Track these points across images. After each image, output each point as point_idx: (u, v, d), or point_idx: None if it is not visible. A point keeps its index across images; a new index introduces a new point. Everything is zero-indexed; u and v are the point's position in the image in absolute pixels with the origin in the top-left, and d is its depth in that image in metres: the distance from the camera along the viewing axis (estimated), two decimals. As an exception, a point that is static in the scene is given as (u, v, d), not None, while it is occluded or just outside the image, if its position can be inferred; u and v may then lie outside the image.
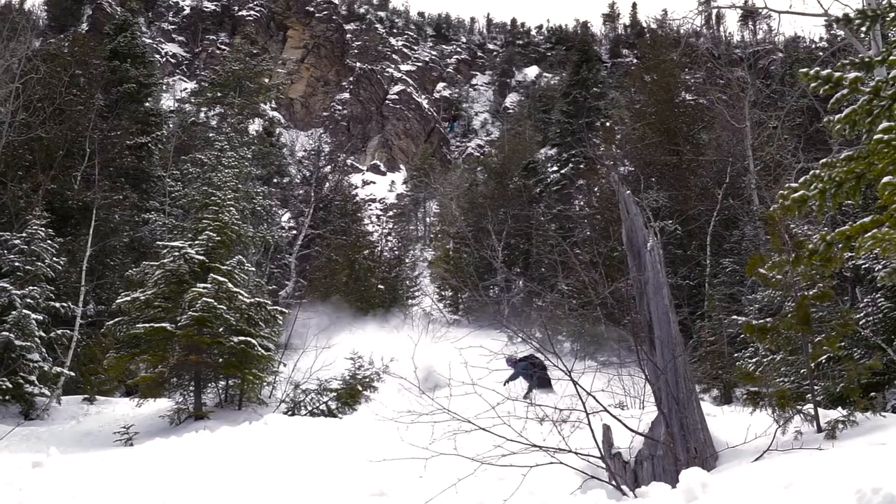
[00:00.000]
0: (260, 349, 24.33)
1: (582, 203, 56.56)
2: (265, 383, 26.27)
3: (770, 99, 41.84)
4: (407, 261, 64.23)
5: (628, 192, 12.65)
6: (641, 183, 39.94)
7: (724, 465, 10.38)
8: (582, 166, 58.70)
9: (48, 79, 38.01)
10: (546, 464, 10.13)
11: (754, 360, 18.34)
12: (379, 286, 53.79)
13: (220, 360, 24.57)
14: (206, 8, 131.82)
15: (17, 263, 29.01)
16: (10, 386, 26.04)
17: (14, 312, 27.26)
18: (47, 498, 10.83)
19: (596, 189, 52.05)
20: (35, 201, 32.53)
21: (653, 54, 54.52)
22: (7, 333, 26.70)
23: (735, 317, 26.46)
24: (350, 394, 26.00)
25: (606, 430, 10.73)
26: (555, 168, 62.71)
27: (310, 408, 25.39)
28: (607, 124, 60.02)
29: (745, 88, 37.80)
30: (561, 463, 10.19)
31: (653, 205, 39.16)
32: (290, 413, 23.89)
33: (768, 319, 12.86)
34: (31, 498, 10.71)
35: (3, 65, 35.92)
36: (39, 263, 29.16)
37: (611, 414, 10.94)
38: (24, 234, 29.61)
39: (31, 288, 28.52)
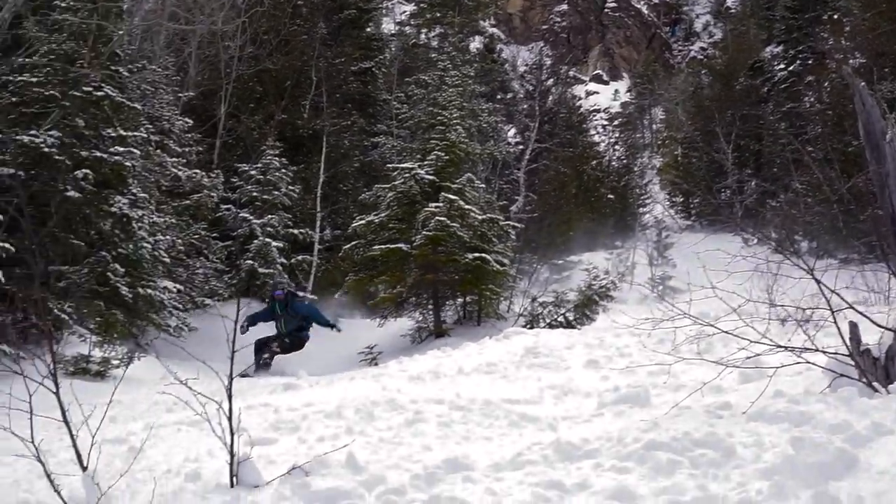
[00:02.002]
0: (495, 265, 24.47)
1: (812, 99, 54.71)
2: (502, 298, 26.44)
3: None
4: (635, 169, 63.66)
5: (863, 83, 12.10)
6: (875, 74, 38.31)
7: (983, 357, 9.91)
8: (810, 62, 56.62)
9: (272, 11, 38.72)
10: (792, 364, 9.86)
11: None
12: (609, 196, 53.56)
13: (457, 277, 24.85)
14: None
15: (254, 193, 29.88)
16: (258, 312, 26.94)
17: (256, 241, 28.13)
18: (297, 415, 11.13)
19: (826, 84, 50.21)
20: (268, 132, 33.34)
21: (882, -63, 51.98)
22: (251, 262, 27.57)
23: None
24: (587, 304, 25.95)
25: (853, 327, 10.36)
26: (782, 66, 60.66)
27: (548, 320, 25.47)
28: (835, 17, 57.66)
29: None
30: (807, 362, 9.91)
31: (888, 96, 37.53)
32: (528, 326, 23.93)
33: None
34: (285, 417, 11.03)
35: (229, 1, 36.75)
36: (276, 192, 29.95)
37: (856, 311, 10.55)
38: (259, 165, 30.44)
39: (269, 217, 29.34)
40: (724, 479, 6.84)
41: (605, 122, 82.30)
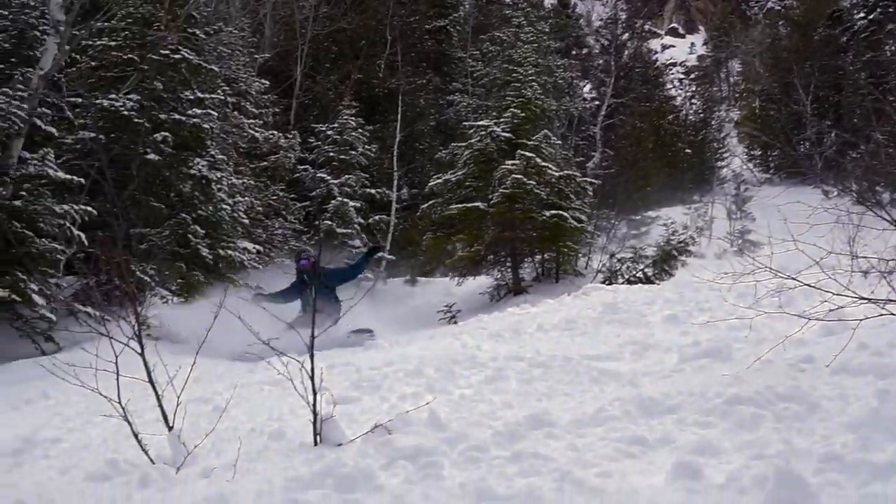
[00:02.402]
0: (572, 221, 24.43)
1: (893, 48, 53.86)
2: (580, 254, 26.41)
3: None
4: (713, 123, 63.18)
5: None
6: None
7: None
8: (891, 10, 55.67)
9: (347, -30, 38.83)
10: (875, 316, 9.73)
11: None
12: (686, 150, 53.33)
13: (534, 234, 24.83)
14: None
15: (331, 154, 30.01)
16: (335, 272, 27.05)
17: (333, 201, 28.24)
18: (378, 373, 11.20)
19: (908, 32, 49.46)
20: (344, 92, 33.44)
21: None
22: (329, 222, 27.69)
23: None
24: (666, 259, 25.85)
25: (940, 278, 10.24)
26: (861, 14, 59.70)
27: (626, 276, 25.42)
28: (917, -40, 56.66)
29: None
30: (891, 314, 9.79)
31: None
32: (607, 282, 23.89)
33: None
34: (366, 376, 11.10)
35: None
36: (353, 152, 30.04)
37: (943, 262, 10.40)
38: (336, 125, 30.52)
39: (346, 176, 29.46)
40: (809, 433, 6.80)
41: (682, 76, 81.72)
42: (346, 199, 28.38)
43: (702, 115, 64.14)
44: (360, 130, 30.61)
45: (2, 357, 16.03)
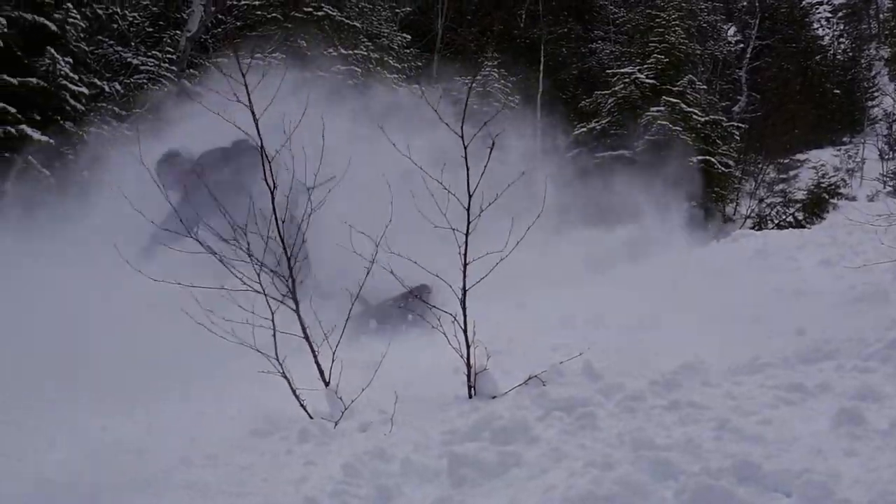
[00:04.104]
0: (720, 167, 24.17)
1: None
2: (728, 200, 26.14)
3: None
4: (862, 62, 61.75)
5: None
6: None
7: None
8: None
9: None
10: None
11: None
12: (834, 91, 52.20)
13: (681, 181, 24.63)
14: None
15: (475, 107, 30.01)
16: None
17: (478, 154, 28.31)
18: (529, 325, 11.23)
19: None
20: (485, 44, 33.42)
21: None
22: (474, 176, 27.79)
23: None
24: (816, 203, 25.46)
25: None
26: None
27: (776, 221, 25.10)
28: None
29: None
30: None
31: None
32: (756, 227, 23.63)
33: None
34: (518, 328, 11.14)
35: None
36: (496, 104, 30.01)
37: None
38: (478, 77, 30.52)
39: (492, 130, 29.49)
40: (976, 376, 6.67)
41: (829, 15, 79.60)
42: (490, 152, 28.43)
43: (850, 54, 62.75)
44: (502, 82, 30.59)
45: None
